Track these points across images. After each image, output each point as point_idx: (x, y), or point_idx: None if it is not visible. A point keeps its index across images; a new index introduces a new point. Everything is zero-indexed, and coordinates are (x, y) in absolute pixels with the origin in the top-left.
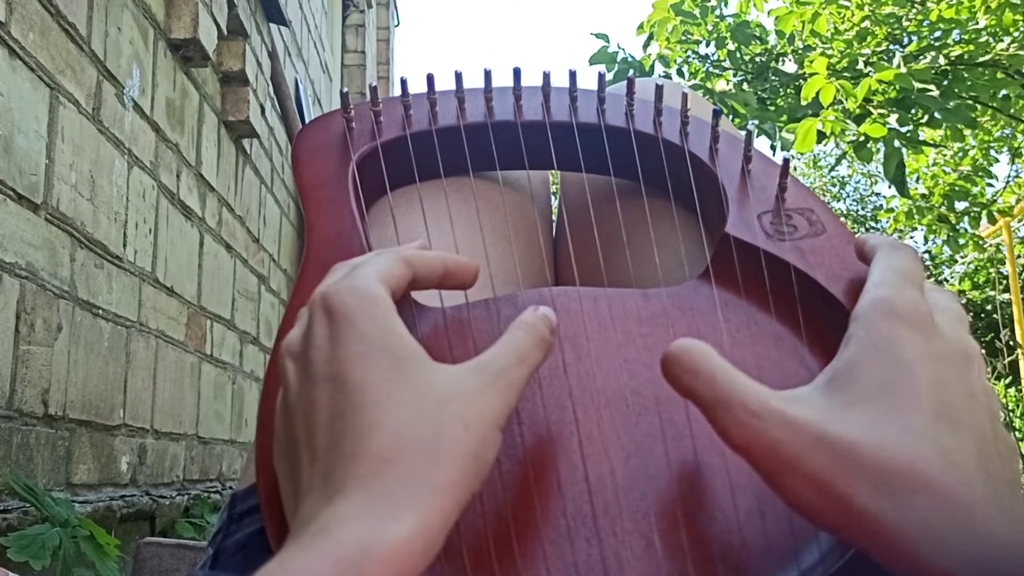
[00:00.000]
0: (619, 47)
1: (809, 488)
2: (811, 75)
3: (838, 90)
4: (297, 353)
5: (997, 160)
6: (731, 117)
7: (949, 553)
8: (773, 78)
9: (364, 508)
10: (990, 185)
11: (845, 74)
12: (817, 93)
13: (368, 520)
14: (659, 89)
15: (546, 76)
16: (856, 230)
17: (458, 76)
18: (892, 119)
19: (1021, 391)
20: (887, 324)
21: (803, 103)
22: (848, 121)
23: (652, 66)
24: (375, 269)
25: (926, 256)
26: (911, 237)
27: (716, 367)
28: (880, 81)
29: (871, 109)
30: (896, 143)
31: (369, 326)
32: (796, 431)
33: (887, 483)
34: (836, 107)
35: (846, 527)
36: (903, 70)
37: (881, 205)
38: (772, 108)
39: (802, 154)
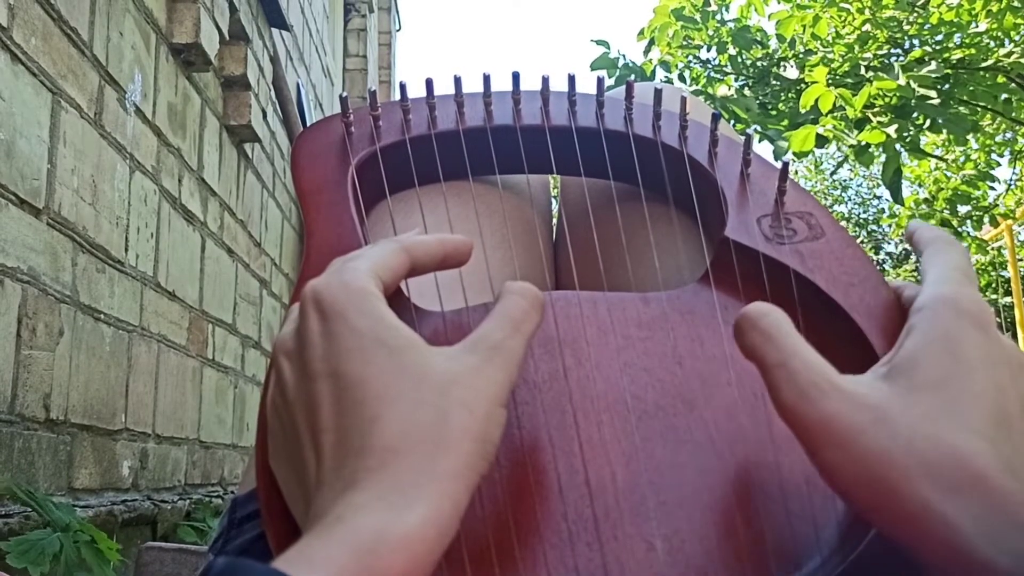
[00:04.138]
0: (620, 53)
1: (857, 467)
2: (812, 83)
3: (837, 97)
4: (292, 350)
5: (999, 163)
6: (732, 122)
7: (1002, 549)
8: (774, 83)
9: (377, 498)
10: (992, 188)
11: (847, 80)
12: (816, 100)
13: (381, 509)
14: (658, 93)
15: (545, 80)
16: (857, 233)
17: (457, 81)
18: (891, 129)
19: None
20: (953, 319)
21: (803, 110)
22: (846, 132)
23: (653, 71)
24: (367, 263)
25: None
26: None
27: (789, 334)
28: (880, 88)
29: (871, 116)
30: (897, 147)
31: (361, 320)
32: (855, 407)
33: (944, 475)
34: (836, 113)
35: (888, 512)
36: (902, 82)
37: (883, 208)
38: (773, 113)
39: (801, 158)
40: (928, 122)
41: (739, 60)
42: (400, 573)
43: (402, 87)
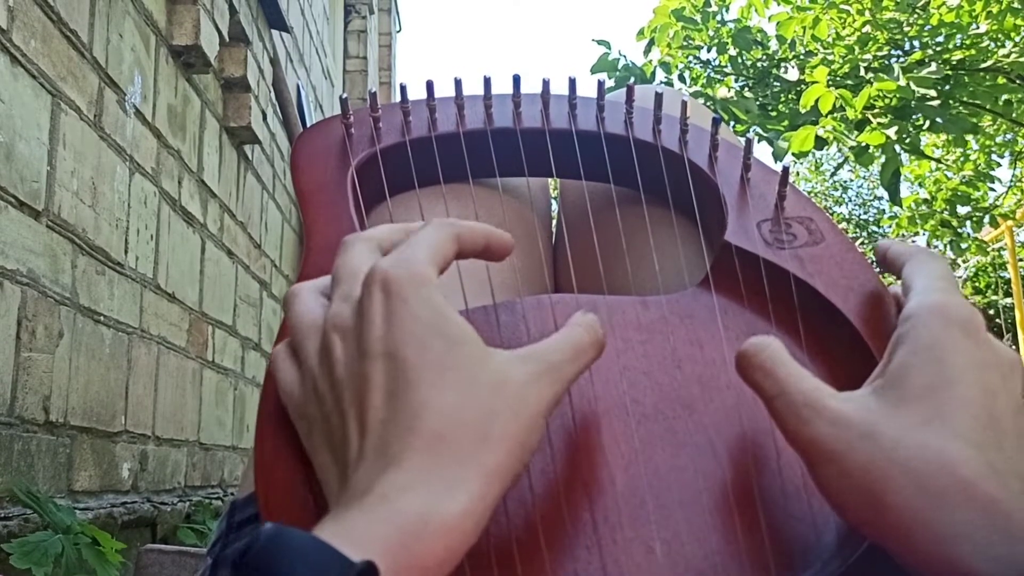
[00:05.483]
0: (620, 54)
1: (846, 480)
2: (812, 83)
3: (838, 98)
4: (349, 328)
5: (999, 164)
6: (732, 124)
7: (985, 556)
8: (774, 84)
9: (421, 481)
10: (992, 189)
11: (847, 81)
12: (816, 101)
13: (425, 493)
14: (659, 97)
15: (545, 83)
16: (858, 234)
17: (457, 83)
18: (891, 131)
19: None
20: (941, 327)
21: (802, 111)
22: (846, 133)
23: (653, 72)
24: (427, 252)
25: None
26: (913, 241)
27: (783, 364)
28: (880, 89)
29: (871, 117)
30: (896, 148)
31: (423, 308)
32: (842, 425)
33: (929, 482)
34: (836, 114)
35: (878, 523)
36: (902, 83)
37: (884, 209)
38: (773, 114)
39: (801, 159)
40: (928, 123)
41: (739, 61)
42: (440, 558)
43: (402, 89)
